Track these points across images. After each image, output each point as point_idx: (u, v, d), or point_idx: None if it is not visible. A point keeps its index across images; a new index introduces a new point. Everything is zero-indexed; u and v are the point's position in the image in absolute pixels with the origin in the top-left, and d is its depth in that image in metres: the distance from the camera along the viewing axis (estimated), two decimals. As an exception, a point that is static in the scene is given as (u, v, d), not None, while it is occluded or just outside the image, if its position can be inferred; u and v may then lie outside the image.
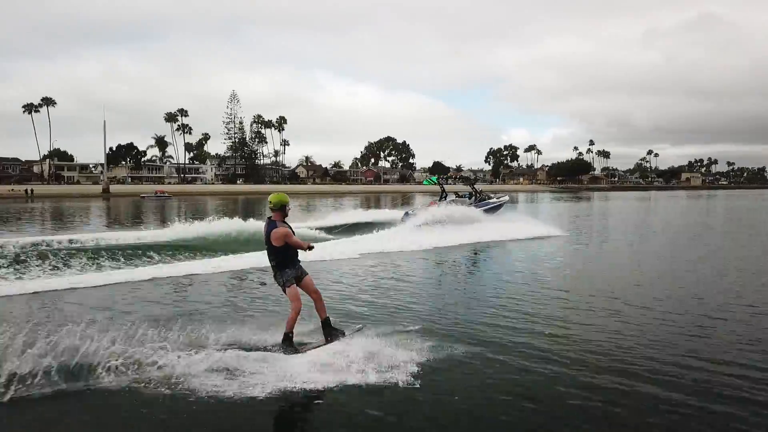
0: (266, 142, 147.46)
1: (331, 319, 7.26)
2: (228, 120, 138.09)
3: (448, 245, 19.13)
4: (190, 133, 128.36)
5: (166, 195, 72.27)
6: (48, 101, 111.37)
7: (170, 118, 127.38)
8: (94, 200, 68.67)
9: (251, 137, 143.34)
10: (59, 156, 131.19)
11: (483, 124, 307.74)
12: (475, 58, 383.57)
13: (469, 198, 28.81)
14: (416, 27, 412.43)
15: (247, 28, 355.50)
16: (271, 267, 6.98)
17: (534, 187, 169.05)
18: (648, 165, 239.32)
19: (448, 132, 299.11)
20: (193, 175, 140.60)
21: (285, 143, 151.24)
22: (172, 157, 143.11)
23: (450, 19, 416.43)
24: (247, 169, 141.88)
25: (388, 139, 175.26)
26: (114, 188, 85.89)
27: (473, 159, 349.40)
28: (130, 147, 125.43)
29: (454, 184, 31.52)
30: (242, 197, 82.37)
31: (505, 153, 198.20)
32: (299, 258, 7.13)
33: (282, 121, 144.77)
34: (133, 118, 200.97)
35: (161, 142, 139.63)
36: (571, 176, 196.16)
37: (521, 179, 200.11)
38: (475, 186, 30.72)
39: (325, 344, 6.93)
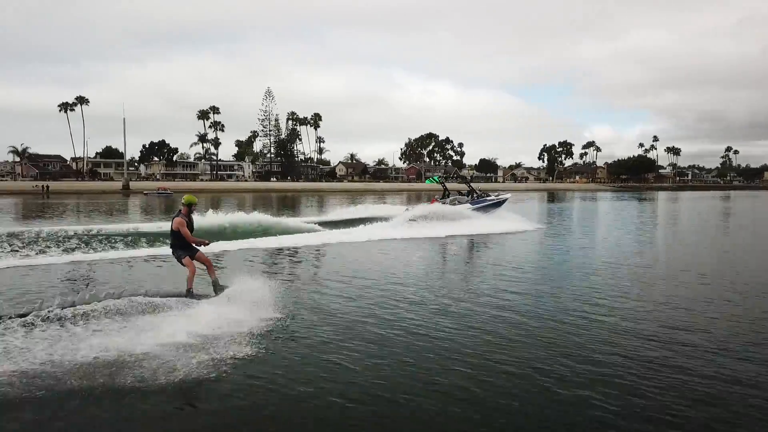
0: (301, 139, 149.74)
1: (219, 279, 10.07)
2: (263, 117, 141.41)
3: (420, 237, 22.79)
4: (223, 130, 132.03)
5: (168, 192, 75.62)
6: (82, 100, 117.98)
7: (203, 115, 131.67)
8: (109, 196, 72.13)
9: (287, 134, 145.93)
10: (109, 154, 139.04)
11: (563, 121, 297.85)
12: (555, 53, 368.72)
13: (468, 196, 31.50)
14: (492, 22, 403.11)
15: (323, 28, 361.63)
16: (170, 245, 9.91)
17: (590, 186, 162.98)
18: (730, 162, 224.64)
19: (524, 129, 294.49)
20: (229, 173, 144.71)
21: (320, 140, 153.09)
22: (215, 155, 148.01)
23: (527, 14, 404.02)
24: (283, 167, 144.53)
25: (430, 135, 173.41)
26: (135, 185, 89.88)
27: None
28: (162, 144, 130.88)
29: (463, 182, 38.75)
30: (261, 194, 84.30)
31: (559, 150, 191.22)
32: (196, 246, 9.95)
33: (317, 118, 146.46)
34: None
35: (204, 139, 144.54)
36: (635, 174, 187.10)
37: (577, 177, 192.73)
38: (471, 185, 33.50)
39: (214, 296, 9.72)
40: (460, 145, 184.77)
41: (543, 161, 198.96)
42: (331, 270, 15.07)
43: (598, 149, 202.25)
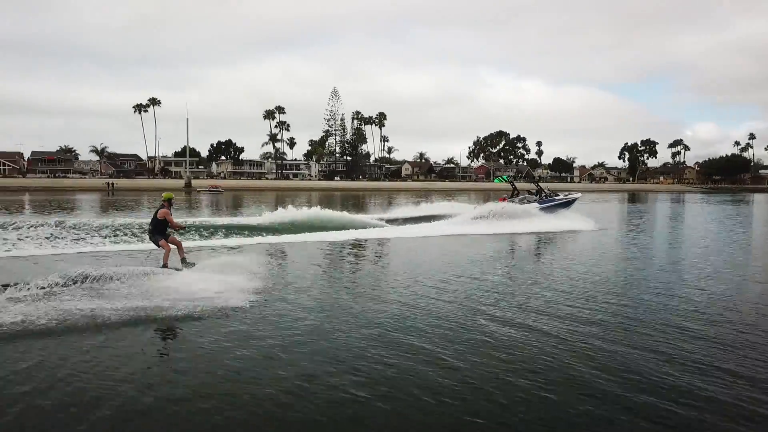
0: (365, 140, 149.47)
1: (187, 257, 12.56)
2: (329, 117, 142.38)
3: (479, 233, 23.48)
4: (288, 130, 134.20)
5: (219, 190, 77.37)
6: (154, 101, 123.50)
7: (268, 115, 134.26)
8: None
9: (352, 133, 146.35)
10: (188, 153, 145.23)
11: (662, 118, 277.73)
12: (652, 46, 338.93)
13: (537, 195, 32.36)
14: (583, 16, 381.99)
15: (411, 28, 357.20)
16: (149, 231, 12.51)
17: (675, 187, 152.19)
18: None
19: (616, 127, 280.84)
20: (295, 171, 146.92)
21: (384, 139, 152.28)
22: (286, 154, 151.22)
23: (620, 5, 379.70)
24: (347, 166, 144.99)
25: (500, 133, 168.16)
26: (198, 182, 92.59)
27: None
28: (229, 144, 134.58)
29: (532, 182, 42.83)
30: (323, 192, 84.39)
31: (641, 149, 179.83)
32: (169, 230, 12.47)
33: (382, 117, 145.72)
34: (306, 118, 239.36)
35: (275, 139, 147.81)
36: (729, 175, 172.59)
37: (661, 178, 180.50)
38: (539, 185, 34.97)
39: (182, 270, 11.95)
40: (539, 143, 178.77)
41: (623, 161, 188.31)
42: (381, 261, 16.85)
43: (686, 148, 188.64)
